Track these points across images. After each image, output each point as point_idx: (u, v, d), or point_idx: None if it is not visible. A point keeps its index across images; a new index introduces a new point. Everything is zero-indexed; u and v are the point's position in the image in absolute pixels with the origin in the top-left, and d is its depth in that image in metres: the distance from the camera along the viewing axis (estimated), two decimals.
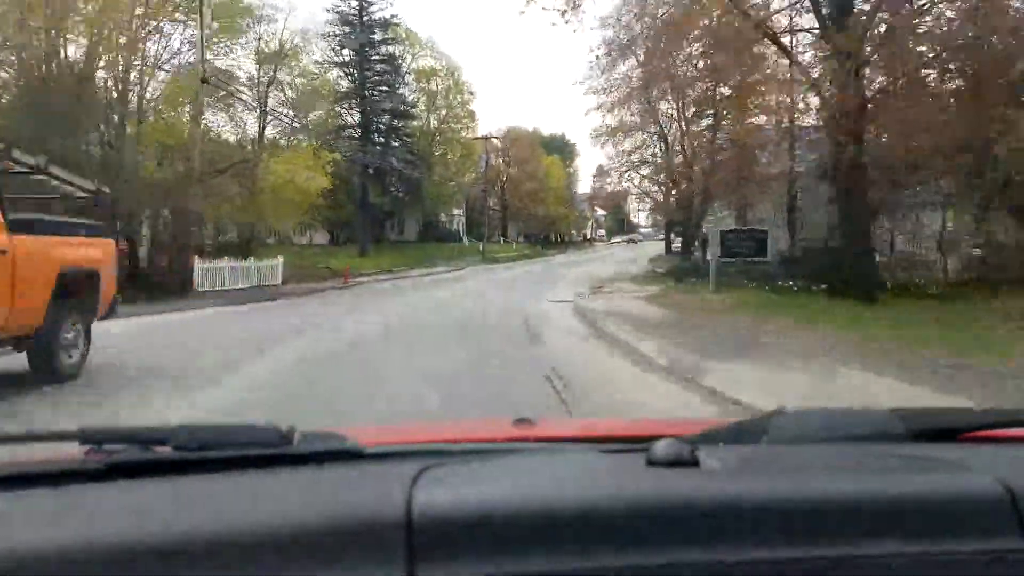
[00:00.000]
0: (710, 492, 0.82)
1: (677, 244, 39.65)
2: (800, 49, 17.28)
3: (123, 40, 19.51)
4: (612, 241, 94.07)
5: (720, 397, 6.59)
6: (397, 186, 45.50)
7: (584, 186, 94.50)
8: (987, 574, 0.78)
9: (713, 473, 0.88)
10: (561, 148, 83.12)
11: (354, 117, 43.12)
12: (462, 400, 6.41)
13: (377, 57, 43.05)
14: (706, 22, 16.46)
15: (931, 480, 0.88)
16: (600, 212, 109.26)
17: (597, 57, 24.19)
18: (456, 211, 63.44)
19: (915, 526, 0.80)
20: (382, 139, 44.15)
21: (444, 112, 51.02)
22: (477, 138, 51.77)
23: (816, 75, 15.76)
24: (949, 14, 13.98)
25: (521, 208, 65.99)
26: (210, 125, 25.32)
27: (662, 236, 47.12)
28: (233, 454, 0.96)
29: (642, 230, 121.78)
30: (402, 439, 1.37)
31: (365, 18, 42.14)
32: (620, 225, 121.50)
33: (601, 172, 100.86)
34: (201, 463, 0.94)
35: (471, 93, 51.61)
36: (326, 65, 41.00)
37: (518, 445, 1.17)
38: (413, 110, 47.12)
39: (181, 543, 0.74)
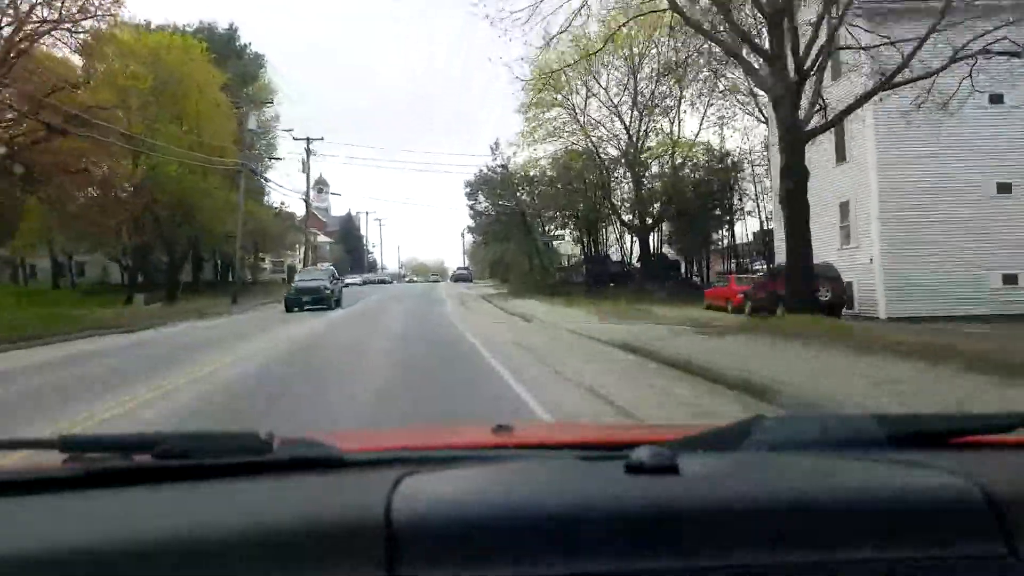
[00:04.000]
0: (690, 498, 0.83)
1: None
2: None
3: None
4: (350, 282, 55.07)
5: None
6: None
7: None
8: None
9: (693, 479, 0.88)
10: (226, 50, 42.98)
11: None
12: None
13: None
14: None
15: (910, 485, 0.89)
16: (323, 238, 71.35)
17: None
18: None
19: (895, 531, 0.81)
20: None
21: None
22: None
23: None
24: None
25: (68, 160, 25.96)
26: None
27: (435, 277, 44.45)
28: (213, 462, 0.96)
29: (390, 271, 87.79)
30: (381, 446, 1.39)
31: None
32: (358, 261, 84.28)
33: (321, 183, 62.93)
34: (181, 471, 0.95)
35: None
36: None
37: (497, 452, 1.18)
38: None
39: (160, 551, 0.75)
